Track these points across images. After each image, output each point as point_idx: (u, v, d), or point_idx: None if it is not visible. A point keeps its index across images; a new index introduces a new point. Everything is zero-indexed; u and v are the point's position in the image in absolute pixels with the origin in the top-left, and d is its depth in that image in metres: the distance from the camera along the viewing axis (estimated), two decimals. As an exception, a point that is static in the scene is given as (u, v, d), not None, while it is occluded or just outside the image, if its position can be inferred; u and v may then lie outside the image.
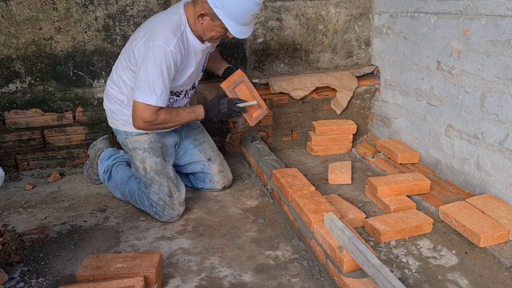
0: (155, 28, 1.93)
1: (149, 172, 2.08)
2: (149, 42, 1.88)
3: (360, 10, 2.84)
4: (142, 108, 1.90)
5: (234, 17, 1.87)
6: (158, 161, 2.10)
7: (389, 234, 1.85)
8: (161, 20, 1.97)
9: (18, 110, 2.43)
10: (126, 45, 2.09)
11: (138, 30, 2.03)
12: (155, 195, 2.05)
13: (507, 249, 1.74)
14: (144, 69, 1.88)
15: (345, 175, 2.40)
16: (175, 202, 2.05)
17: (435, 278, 1.64)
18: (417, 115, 2.53)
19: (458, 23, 2.15)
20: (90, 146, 2.43)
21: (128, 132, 2.12)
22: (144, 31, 1.95)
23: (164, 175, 2.09)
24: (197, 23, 1.95)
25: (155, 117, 1.92)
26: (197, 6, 1.91)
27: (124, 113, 2.11)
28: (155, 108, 1.91)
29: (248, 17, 1.90)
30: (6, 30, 2.33)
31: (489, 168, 2.06)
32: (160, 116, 1.94)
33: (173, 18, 1.95)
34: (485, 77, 2.03)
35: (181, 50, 1.93)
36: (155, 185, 2.06)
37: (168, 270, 1.70)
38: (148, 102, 1.88)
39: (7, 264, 1.69)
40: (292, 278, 1.65)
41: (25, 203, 2.23)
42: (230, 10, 1.85)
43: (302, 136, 2.91)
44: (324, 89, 2.83)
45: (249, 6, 1.87)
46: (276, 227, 2.00)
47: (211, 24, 1.93)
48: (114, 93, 2.12)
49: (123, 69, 2.06)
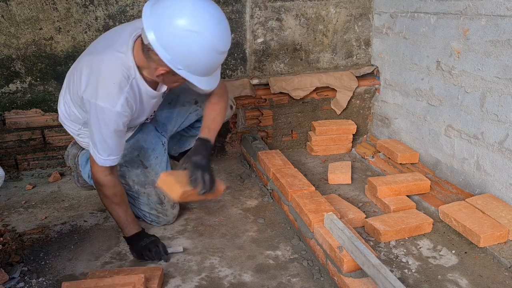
0: (98, 81, 1.63)
1: (133, 186, 1.97)
2: (92, 100, 1.63)
3: (360, 10, 2.84)
4: (93, 163, 1.74)
5: (201, 72, 1.59)
6: (139, 172, 1.97)
7: (389, 234, 1.85)
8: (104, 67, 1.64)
9: (18, 110, 2.44)
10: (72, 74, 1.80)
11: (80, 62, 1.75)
12: (146, 206, 1.98)
13: (507, 249, 1.74)
14: (91, 127, 1.68)
15: (345, 175, 2.41)
16: (167, 207, 1.99)
17: (435, 278, 1.64)
18: (417, 115, 2.53)
19: (458, 23, 2.16)
20: (65, 157, 2.29)
21: None
22: (85, 81, 1.66)
23: (149, 184, 1.97)
24: (153, 76, 1.67)
25: (103, 177, 1.73)
26: (151, 62, 1.59)
27: (84, 132, 1.95)
28: (104, 167, 1.72)
29: (214, 68, 1.64)
30: (6, 30, 2.33)
31: (489, 168, 2.06)
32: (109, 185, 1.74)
33: (118, 68, 1.63)
34: (485, 77, 2.03)
35: (131, 105, 1.68)
36: (143, 196, 1.97)
37: (168, 270, 1.70)
38: (97, 161, 1.71)
39: (7, 264, 1.69)
40: (292, 278, 1.66)
41: (25, 203, 2.23)
42: (196, 67, 1.56)
43: (302, 136, 2.91)
44: (324, 89, 2.83)
45: (214, 59, 1.58)
46: (276, 227, 2.01)
47: (173, 78, 1.64)
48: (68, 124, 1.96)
49: (74, 105, 1.83)
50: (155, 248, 1.75)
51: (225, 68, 2.72)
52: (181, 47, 1.49)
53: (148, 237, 1.80)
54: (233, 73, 2.75)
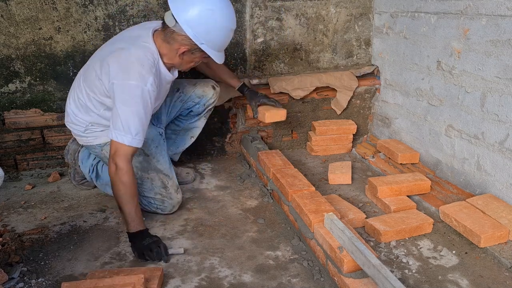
0: (128, 66, 1.84)
1: (136, 172, 2.03)
2: (124, 81, 1.82)
3: (360, 10, 2.84)
4: (115, 147, 1.80)
5: (218, 47, 1.92)
6: (141, 159, 2.08)
7: (389, 234, 1.84)
8: (132, 56, 1.85)
9: (17, 110, 2.43)
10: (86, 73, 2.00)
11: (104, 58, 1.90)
12: (150, 192, 2.05)
13: (507, 249, 1.74)
14: (120, 108, 1.81)
15: (345, 175, 2.40)
16: (171, 191, 2.06)
17: (436, 278, 1.64)
18: (417, 115, 2.53)
19: (458, 23, 2.15)
20: (65, 153, 2.33)
21: (101, 143, 2.08)
22: (116, 69, 1.84)
23: (152, 170, 2.08)
24: (175, 58, 1.94)
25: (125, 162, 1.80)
26: (174, 43, 1.88)
27: (93, 130, 2.06)
28: (129, 149, 1.81)
29: (227, 43, 1.98)
30: (6, 30, 2.32)
31: (490, 168, 2.06)
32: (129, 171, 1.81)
33: (145, 53, 1.87)
34: (485, 77, 2.02)
35: (156, 85, 1.89)
36: (147, 182, 2.06)
37: (168, 270, 1.70)
38: (121, 141, 1.79)
39: (6, 264, 1.69)
40: (292, 278, 1.65)
41: (25, 203, 2.23)
42: (214, 42, 1.88)
43: (302, 136, 2.91)
44: (324, 89, 2.83)
45: (229, 35, 1.94)
46: (276, 227, 2.00)
47: (191, 57, 1.95)
48: (78, 118, 2.05)
49: (89, 97, 1.98)
50: (157, 248, 1.76)
51: (225, 68, 2.72)
52: (204, 24, 1.82)
53: (151, 237, 1.81)
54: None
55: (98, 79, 1.91)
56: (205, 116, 2.45)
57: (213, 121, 2.69)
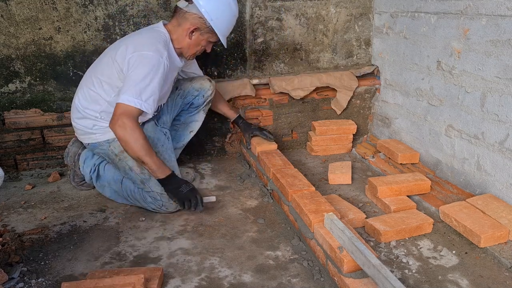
0: (144, 42, 1.99)
1: (142, 168, 2.06)
2: (142, 52, 1.93)
3: (360, 10, 2.84)
4: (122, 108, 1.86)
5: (223, 30, 2.08)
6: None
7: (389, 234, 1.84)
8: (148, 37, 2.03)
9: (17, 110, 2.43)
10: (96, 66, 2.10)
11: (120, 46, 2.02)
12: (158, 187, 2.04)
13: (507, 249, 1.74)
14: (134, 74, 1.89)
15: (345, 175, 2.40)
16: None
17: (436, 278, 1.64)
18: (417, 115, 2.53)
19: (458, 23, 2.15)
20: (65, 155, 2.33)
21: (110, 139, 2.09)
22: (132, 48, 1.96)
23: None
24: (185, 39, 2.06)
25: (133, 121, 1.87)
26: (185, 23, 2.04)
27: (100, 125, 2.10)
28: (137, 111, 1.88)
29: (230, 29, 2.14)
30: (6, 30, 2.32)
31: (490, 168, 2.06)
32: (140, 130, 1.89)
33: (159, 34, 2.03)
34: (485, 77, 2.02)
35: (169, 64, 2.00)
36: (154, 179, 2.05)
37: (168, 270, 1.70)
38: (132, 104, 1.86)
39: (6, 264, 1.69)
40: (292, 278, 1.65)
41: (25, 203, 2.23)
42: (221, 23, 2.05)
43: (302, 136, 2.91)
44: (324, 89, 2.83)
45: (233, 20, 2.12)
46: (276, 227, 2.00)
47: (199, 39, 2.08)
48: (87, 110, 2.09)
49: (101, 83, 2.05)
50: (195, 199, 1.96)
51: (225, 68, 2.72)
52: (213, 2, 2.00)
53: (187, 185, 1.99)
54: (233, 73, 2.74)
55: (112, 62, 2.00)
56: (204, 110, 2.47)
57: (213, 121, 2.69)
